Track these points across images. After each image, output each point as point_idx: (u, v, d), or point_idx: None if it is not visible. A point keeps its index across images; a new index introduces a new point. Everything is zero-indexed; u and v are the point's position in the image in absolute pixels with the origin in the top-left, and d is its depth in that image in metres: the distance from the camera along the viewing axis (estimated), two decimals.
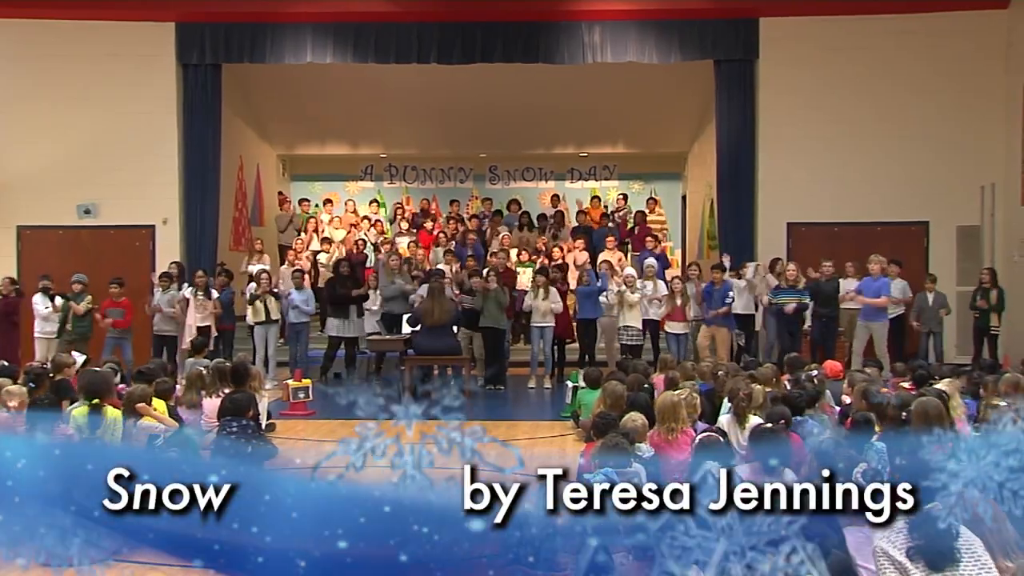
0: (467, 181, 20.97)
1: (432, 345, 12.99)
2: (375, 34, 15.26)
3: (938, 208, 14.96)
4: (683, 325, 13.73)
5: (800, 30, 15.03)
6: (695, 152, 19.61)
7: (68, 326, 13.27)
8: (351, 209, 18.75)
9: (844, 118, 14.98)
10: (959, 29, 14.80)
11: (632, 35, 15.12)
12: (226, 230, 16.70)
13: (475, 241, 16.21)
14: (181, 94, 15.39)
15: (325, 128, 19.80)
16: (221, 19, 15.22)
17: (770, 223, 15.20)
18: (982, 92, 14.83)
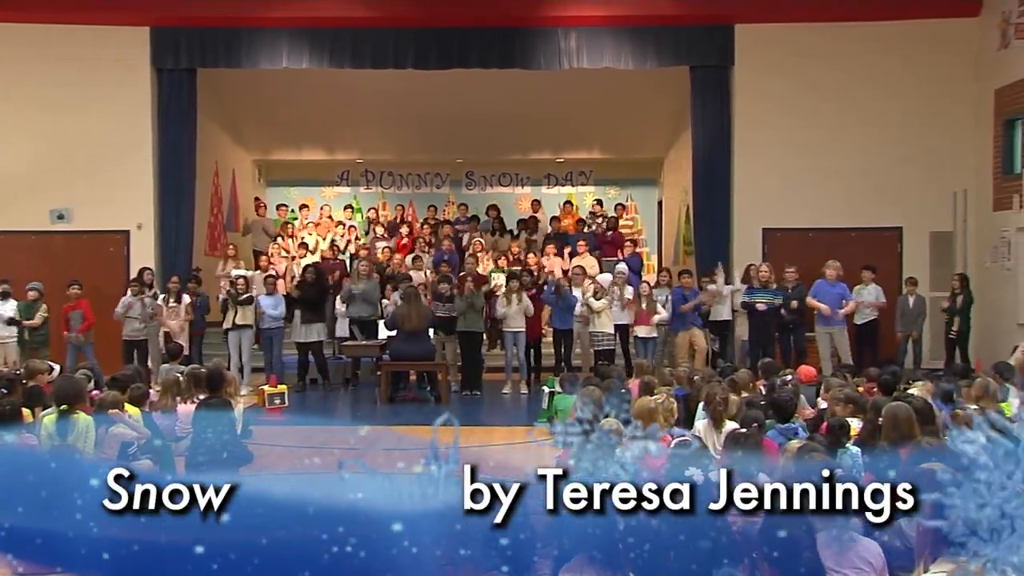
0: (444, 187, 20.92)
1: (408, 350, 12.97)
2: (351, 39, 15.24)
3: (912, 214, 15.08)
4: (650, 329, 13.80)
5: (775, 37, 15.11)
6: (671, 158, 19.68)
7: (26, 334, 13.19)
8: (326, 214, 18.69)
9: (818, 124, 15.08)
10: (930, 37, 14.93)
11: (608, 41, 15.17)
12: (201, 235, 16.62)
13: (451, 248, 16.18)
14: (156, 99, 15.31)
15: (301, 133, 19.73)
16: (196, 24, 15.16)
17: (745, 229, 15.27)
18: (954, 99, 14.96)
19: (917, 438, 5.93)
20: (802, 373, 9.96)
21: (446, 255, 15.71)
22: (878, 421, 6.56)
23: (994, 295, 13.95)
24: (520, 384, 13.97)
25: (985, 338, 13.92)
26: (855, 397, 7.73)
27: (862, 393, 8.35)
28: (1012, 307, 13.64)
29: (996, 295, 13.96)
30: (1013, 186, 13.79)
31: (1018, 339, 12.30)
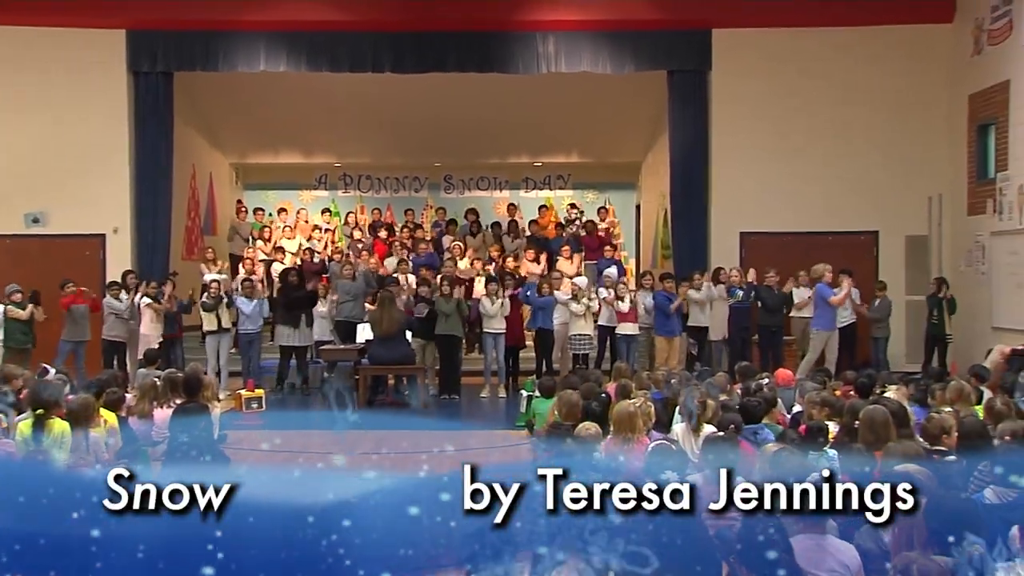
0: (422, 190, 20.94)
1: (386, 354, 12.95)
2: (329, 43, 15.21)
3: (887, 218, 15.18)
4: (634, 327, 13.85)
5: (751, 42, 15.18)
6: (649, 162, 19.73)
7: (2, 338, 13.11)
8: (304, 218, 18.63)
9: (796, 129, 15.16)
10: (905, 43, 15.04)
11: (586, 45, 15.20)
12: (178, 239, 16.54)
13: (427, 251, 16.16)
14: (132, 102, 15.23)
15: (278, 137, 19.66)
16: (173, 27, 15.09)
17: (723, 232, 15.33)
18: (928, 105, 15.07)
19: (893, 440, 5.97)
20: (779, 376, 10.00)
21: (423, 258, 15.72)
22: (855, 424, 6.59)
23: (969, 299, 14.06)
24: (499, 388, 13.97)
25: (960, 341, 14.02)
26: (831, 400, 7.78)
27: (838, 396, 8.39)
28: (986, 311, 13.75)
29: (971, 299, 14.06)
30: (987, 191, 13.91)
31: (993, 342, 12.41)
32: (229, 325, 13.95)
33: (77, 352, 13.39)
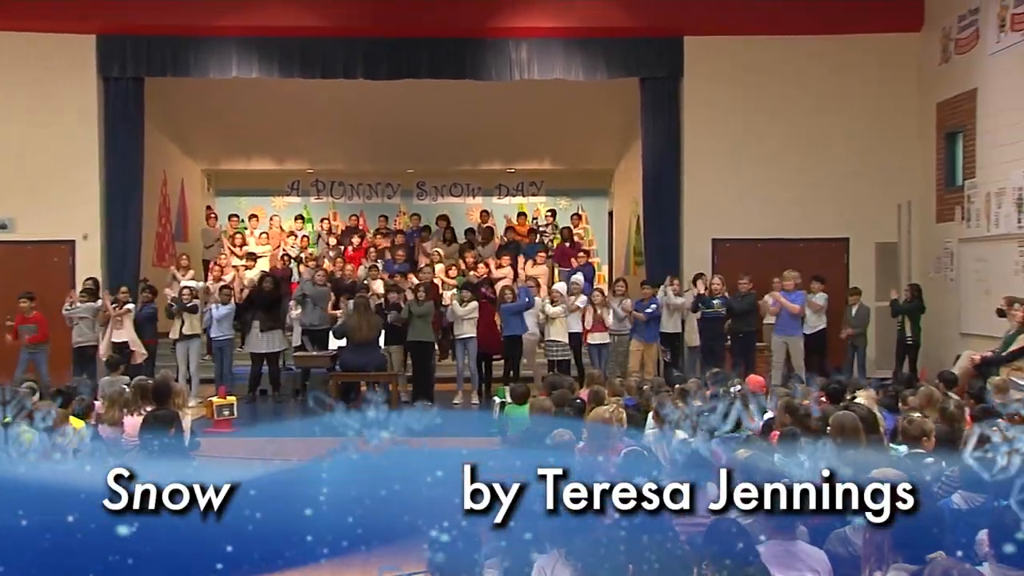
0: (395, 197, 20.92)
1: (359, 361, 12.92)
2: (301, 49, 15.17)
3: (858, 225, 15.29)
4: (603, 335, 13.87)
5: (723, 49, 15.26)
6: (621, 169, 19.79)
7: None
8: (276, 224, 18.55)
9: (767, 136, 15.25)
10: (875, 51, 15.16)
11: (559, 53, 15.24)
12: (149, 245, 16.43)
13: (403, 258, 16.14)
14: (102, 107, 15.11)
15: (251, 143, 19.58)
16: (144, 32, 14.98)
17: (695, 239, 15.39)
18: (898, 113, 15.20)
19: (862, 446, 6.01)
20: (751, 383, 10.03)
21: (396, 264, 15.70)
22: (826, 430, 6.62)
23: (938, 305, 14.18)
24: (472, 394, 13.96)
25: (929, 347, 14.13)
26: (795, 407, 7.79)
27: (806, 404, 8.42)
28: (955, 317, 13.87)
29: (940, 305, 14.18)
30: (955, 198, 14.04)
31: (961, 348, 12.50)
32: (196, 331, 13.83)
33: (36, 360, 13.24)
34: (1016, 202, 12.34)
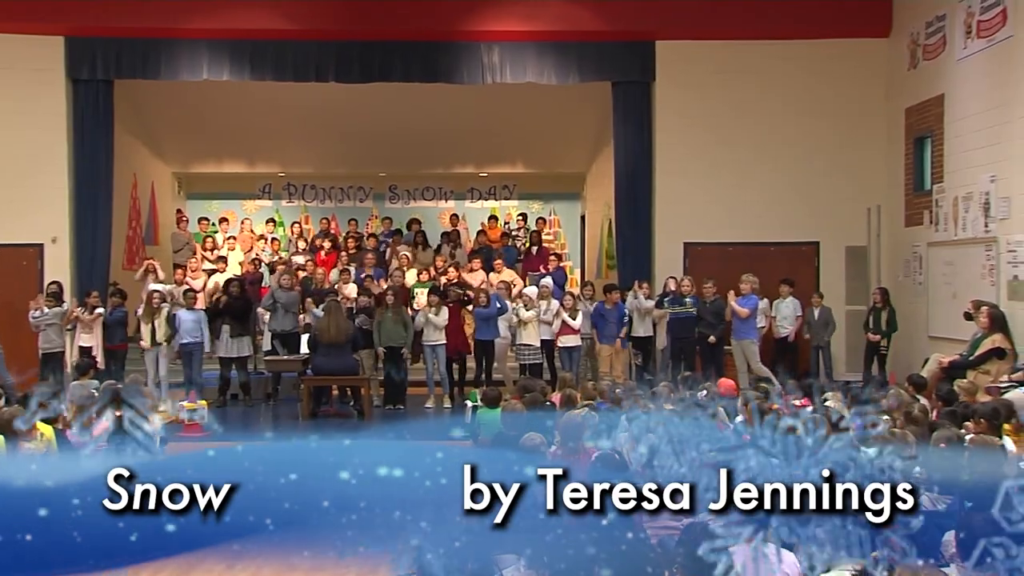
0: (367, 200, 20.84)
1: (330, 365, 12.86)
2: (272, 51, 15.11)
3: (828, 229, 15.39)
4: (575, 338, 13.90)
5: (695, 54, 15.31)
6: (594, 172, 19.82)
7: None
8: (247, 228, 18.45)
9: (738, 140, 15.32)
10: (845, 56, 15.25)
11: (531, 56, 15.26)
12: (119, 249, 16.28)
13: (373, 261, 16.08)
14: (71, 110, 14.98)
15: (222, 146, 19.47)
16: (113, 34, 14.88)
17: (667, 243, 15.43)
18: (866, 117, 15.31)
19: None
20: (721, 386, 10.08)
21: (369, 270, 15.63)
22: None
23: (907, 309, 14.29)
24: (443, 398, 13.94)
25: (898, 351, 14.24)
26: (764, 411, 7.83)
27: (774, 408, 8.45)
28: (924, 320, 13.98)
29: (909, 309, 14.29)
30: (924, 202, 14.16)
31: (930, 351, 12.61)
32: (163, 340, 13.69)
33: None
34: (983, 206, 12.46)
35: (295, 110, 17.42)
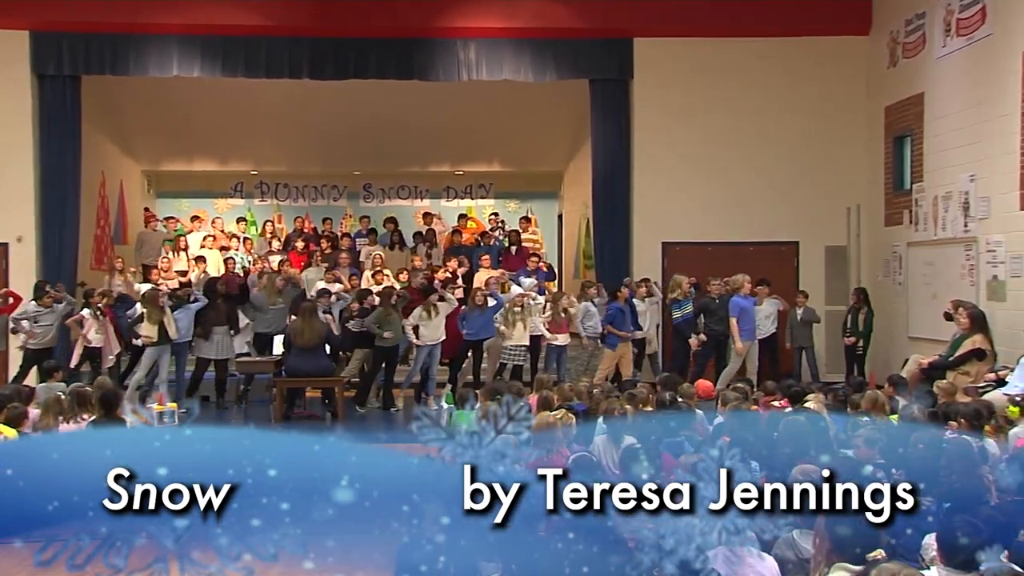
0: (341, 199, 20.64)
1: (304, 366, 12.70)
2: (245, 48, 14.90)
3: (807, 229, 15.30)
4: (565, 337, 13.78)
5: (673, 51, 15.21)
6: (571, 171, 19.71)
7: None
8: (219, 227, 18.18)
9: (717, 139, 15.21)
10: (824, 54, 15.19)
11: (507, 53, 15.11)
12: (87, 248, 16.01)
13: (348, 260, 15.87)
14: (37, 106, 14.69)
15: (193, 144, 19.22)
16: (80, 29, 14.60)
17: (645, 242, 15.33)
18: (847, 116, 15.23)
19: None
20: (699, 388, 9.95)
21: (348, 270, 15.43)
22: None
23: (886, 308, 14.23)
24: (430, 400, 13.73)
25: (878, 351, 14.19)
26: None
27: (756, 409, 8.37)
28: (903, 320, 13.91)
29: (888, 308, 14.23)
30: (903, 202, 14.09)
31: (910, 352, 12.54)
32: (174, 337, 13.35)
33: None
34: (962, 206, 12.39)
35: (268, 107, 17.20)
